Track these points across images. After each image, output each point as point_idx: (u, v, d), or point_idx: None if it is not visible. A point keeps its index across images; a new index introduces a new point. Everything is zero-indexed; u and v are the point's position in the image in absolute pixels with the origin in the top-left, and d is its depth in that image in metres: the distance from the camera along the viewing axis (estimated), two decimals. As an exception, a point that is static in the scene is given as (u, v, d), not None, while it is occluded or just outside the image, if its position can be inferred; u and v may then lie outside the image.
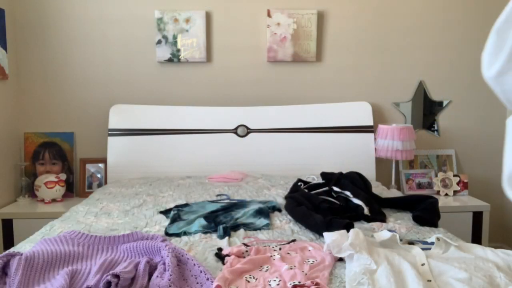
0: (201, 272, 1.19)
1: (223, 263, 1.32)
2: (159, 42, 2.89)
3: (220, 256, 1.37)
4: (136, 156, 2.81)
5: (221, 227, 1.63)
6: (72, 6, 2.88)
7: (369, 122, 2.87)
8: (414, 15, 2.96)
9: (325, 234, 1.43)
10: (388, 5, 2.96)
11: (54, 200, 2.77)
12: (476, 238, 2.63)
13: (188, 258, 1.26)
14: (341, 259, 1.34)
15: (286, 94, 2.99)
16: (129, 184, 2.55)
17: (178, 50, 2.90)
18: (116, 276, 1.09)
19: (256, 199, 2.12)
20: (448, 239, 1.40)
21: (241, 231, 1.64)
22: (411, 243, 1.44)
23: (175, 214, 1.84)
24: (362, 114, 2.89)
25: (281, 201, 2.10)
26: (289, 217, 1.84)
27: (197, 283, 1.16)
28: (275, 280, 1.17)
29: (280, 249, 1.41)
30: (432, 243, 1.41)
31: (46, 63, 2.91)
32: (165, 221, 1.80)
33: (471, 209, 2.64)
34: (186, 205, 2.02)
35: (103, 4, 2.89)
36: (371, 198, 1.98)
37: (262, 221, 1.74)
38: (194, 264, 1.23)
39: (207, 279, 1.16)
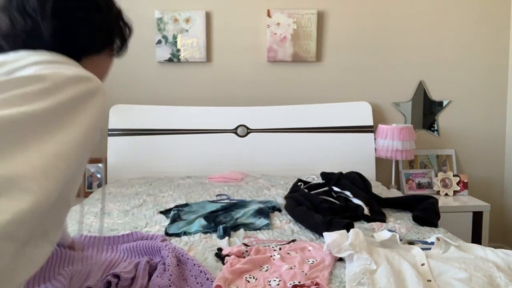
0: (201, 272, 1.19)
1: (223, 263, 1.32)
2: (159, 42, 2.89)
3: (220, 256, 1.37)
4: (136, 156, 2.81)
5: (221, 227, 1.63)
6: (72, 6, 2.88)
7: (369, 122, 2.87)
8: (414, 15, 2.96)
9: (325, 234, 1.43)
10: (388, 5, 2.96)
11: (54, 200, 2.77)
12: (476, 238, 2.62)
13: (188, 258, 1.26)
14: (341, 259, 1.34)
15: (286, 94, 2.99)
16: (129, 184, 2.55)
17: (178, 50, 2.90)
18: (116, 276, 1.09)
19: (256, 199, 2.12)
20: (448, 239, 1.40)
21: (241, 231, 1.64)
22: (411, 243, 1.44)
23: (175, 214, 1.84)
24: (362, 114, 2.89)
25: (281, 201, 2.10)
26: (289, 217, 1.84)
27: (197, 283, 1.16)
28: (275, 280, 1.17)
29: (280, 249, 1.41)
30: (432, 243, 1.41)
31: (46, 63, 2.91)
32: (165, 221, 1.80)
33: (471, 209, 2.64)
34: (186, 205, 2.02)
35: (103, 4, 2.89)
36: (371, 198, 1.97)
37: (262, 221, 1.74)
38: (194, 264, 1.23)
39: (207, 279, 1.16)
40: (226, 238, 1.56)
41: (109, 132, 2.82)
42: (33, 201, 0.50)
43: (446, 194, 2.82)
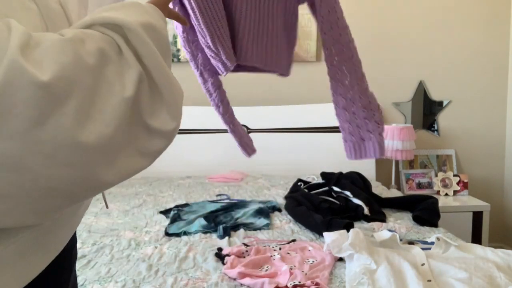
0: None
1: (223, 263, 1.32)
2: (159, 42, 2.89)
3: (220, 256, 1.37)
4: (136, 156, 2.81)
5: (221, 227, 1.63)
6: (72, 6, 2.88)
7: (369, 122, 2.87)
8: (414, 15, 2.96)
9: (325, 234, 1.43)
10: (388, 5, 2.96)
11: (54, 200, 2.77)
12: (476, 238, 2.62)
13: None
14: (341, 259, 1.34)
15: (286, 94, 2.99)
16: (129, 184, 2.55)
17: (178, 50, 2.90)
18: None
19: (256, 199, 2.12)
20: (448, 239, 1.40)
21: (241, 231, 1.64)
22: (411, 243, 1.44)
23: (175, 214, 1.84)
24: (362, 114, 2.89)
25: (281, 201, 2.09)
26: (289, 217, 1.84)
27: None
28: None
29: (280, 249, 1.41)
30: (432, 243, 1.41)
31: (46, 63, 2.91)
32: (165, 221, 1.80)
33: (471, 209, 2.64)
34: (186, 205, 2.02)
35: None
36: (371, 198, 1.98)
37: (262, 221, 1.74)
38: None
39: None
40: (226, 238, 1.56)
41: (109, 132, 2.82)
42: None
43: (446, 194, 2.82)
